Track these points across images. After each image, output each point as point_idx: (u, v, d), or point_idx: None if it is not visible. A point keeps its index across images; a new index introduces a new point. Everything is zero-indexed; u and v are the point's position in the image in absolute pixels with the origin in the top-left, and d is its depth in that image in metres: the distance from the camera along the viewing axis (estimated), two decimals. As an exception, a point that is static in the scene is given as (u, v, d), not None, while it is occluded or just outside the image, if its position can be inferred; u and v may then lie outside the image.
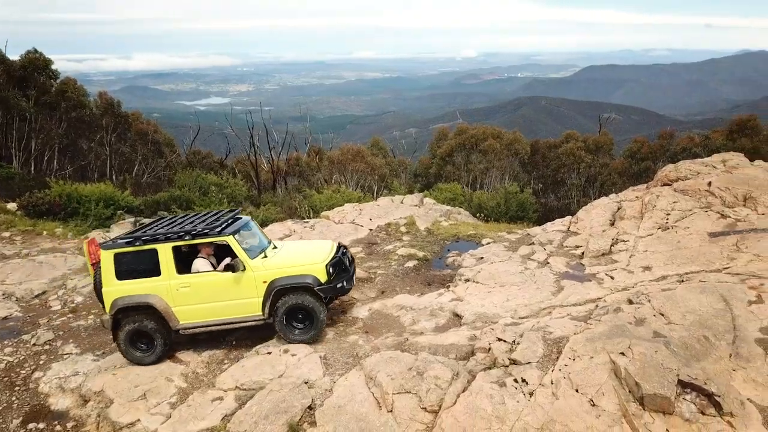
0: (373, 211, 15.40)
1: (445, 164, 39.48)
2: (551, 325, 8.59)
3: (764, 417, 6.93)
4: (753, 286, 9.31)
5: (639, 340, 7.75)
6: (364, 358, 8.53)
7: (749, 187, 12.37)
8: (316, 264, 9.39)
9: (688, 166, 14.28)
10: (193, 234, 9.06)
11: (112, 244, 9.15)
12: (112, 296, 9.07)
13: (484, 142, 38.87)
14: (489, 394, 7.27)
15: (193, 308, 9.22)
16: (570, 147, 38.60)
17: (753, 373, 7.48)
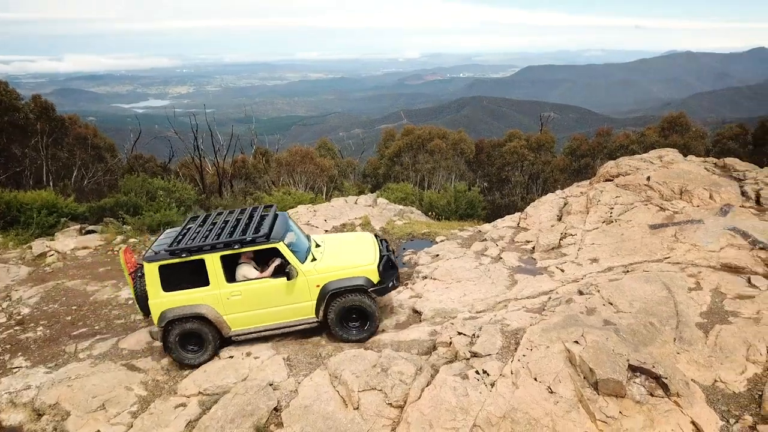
0: (327, 212, 15.44)
1: (393, 164, 39.80)
2: (508, 317, 8.91)
3: (707, 395, 7.43)
4: (692, 274, 9.92)
5: (591, 328, 8.15)
6: (327, 357, 8.63)
7: (684, 181, 13.12)
8: (369, 266, 9.36)
9: (628, 162, 15.00)
10: (242, 242, 8.84)
11: (155, 256, 8.82)
12: (160, 308, 8.88)
13: (430, 142, 39.38)
14: (452, 386, 7.49)
15: (245, 315, 9.12)
16: (513, 146, 39.55)
17: (695, 355, 7.99)
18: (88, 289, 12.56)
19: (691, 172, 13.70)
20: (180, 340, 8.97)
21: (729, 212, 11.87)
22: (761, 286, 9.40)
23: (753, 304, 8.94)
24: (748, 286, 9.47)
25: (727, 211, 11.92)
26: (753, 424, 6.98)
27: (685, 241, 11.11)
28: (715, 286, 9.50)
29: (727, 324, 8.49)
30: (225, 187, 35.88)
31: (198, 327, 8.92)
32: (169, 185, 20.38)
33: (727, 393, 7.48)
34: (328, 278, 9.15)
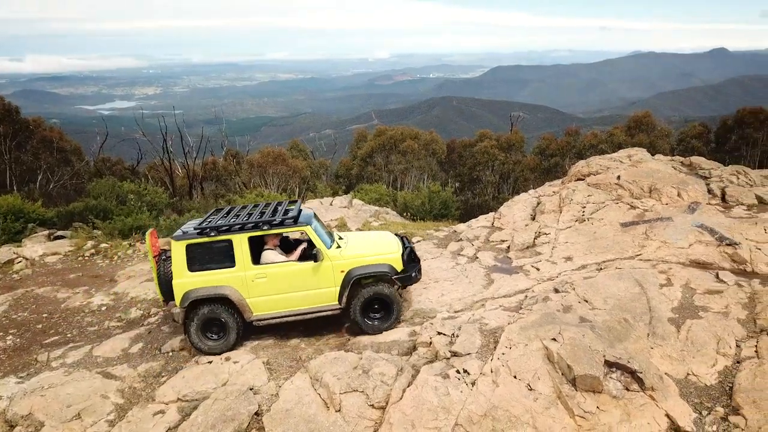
0: (302, 214, 15.34)
1: (366, 165, 39.84)
2: (486, 316, 9.01)
3: (680, 389, 7.63)
4: (663, 270, 10.18)
5: (568, 325, 8.30)
6: (308, 360, 8.60)
7: (653, 180, 13.45)
8: (393, 254, 9.45)
9: (598, 162, 15.30)
10: (271, 224, 8.88)
11: (183, 235, 8.85)
12: (184, 288, 8.84)
13: (402, 142, 39.53)
14: (434, 386, 7.55)
15: (269, 299, 9.10)
16: (484, 146, 39.95)
17: (668, 350, 8.21)
18: (58, 296, 12.29)
19: (660, 170, 14.04)
20: (201, 327, 8.95)
21: (696, 210, 12.22)
22: (729, 281, 9.70)
23: (722, 298, 9.22)
24: (716, 282, 9.76)
25: (695, 209, 12.26)
26: (725, 416, 7.20)
27: (655, 238, 11.39)
28: (685, 282, 9.76)
29: (697, 319, 8.74)
30: (195, 190, 35.46)
31: (220, 309, 8.91)
32: (139, 189, 20.04)
33: (699, 386, 7.70)
34: (353, 264, 9.18)
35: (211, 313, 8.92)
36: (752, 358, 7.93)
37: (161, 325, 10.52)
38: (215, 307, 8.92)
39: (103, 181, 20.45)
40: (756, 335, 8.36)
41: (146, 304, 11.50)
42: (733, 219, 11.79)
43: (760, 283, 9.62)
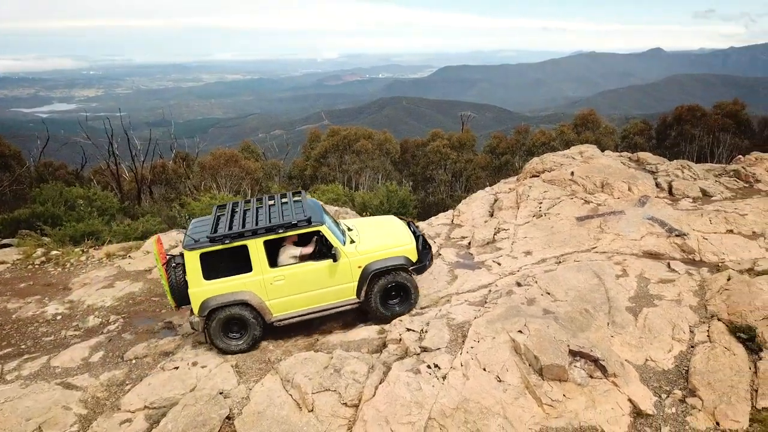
0: (261, 216, 15.19)
1: (320, 165, 39.68)
2: (453, 311, 9.17)
3: (640, 374, 7.98)
4: (618, 261, 10.59)
5: (532, 318, 8.54)
6: (277, 362, 8.56)
7: (605, 175, 13.95)
8: (407, 245, 9.60)
9: (552, 158, 15.74)
10: (285, 227, 8.80)
11: (196, 244, 8.62)
12: (201, 297, 8.76)
13: (356, 142, 39.56)
14: (406, 382, 7.64)
15: (288, 300, 9.13)
16: (436, 145, 40.38)
17: (627, 338, 8.56)
18: (9, 307, 11.78)
19: (610, 166, 14.58)
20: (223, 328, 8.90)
21: (647, 203, 12.75)
22: (680, 271, 10.18)
23: (674, 287, 9.67)
24: (668, 271, 10.22)
25: (645, 202, 12.79)
26: (682, 398, 7.57)
27: (609, 231, 11.82)
28: (639, 272, 10.18)
29: (653, 307, 9.14)
30: (144, 194, 34.52)
31: (241, 314, 8.85)
32: (89, 194, 19.39)
33: (657, 370, 8.07)
34: (370, 259, 9.32)
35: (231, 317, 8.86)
36: (705, 342, 8.35)
37: (122, 333, 10.26)
38: (236, 311, 8.87)
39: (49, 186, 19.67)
40: (707, 321, 8.81)
41: (104, 311, 11.17)
42: (681, 211, 12.35)
43: (708, 271, 10.13)
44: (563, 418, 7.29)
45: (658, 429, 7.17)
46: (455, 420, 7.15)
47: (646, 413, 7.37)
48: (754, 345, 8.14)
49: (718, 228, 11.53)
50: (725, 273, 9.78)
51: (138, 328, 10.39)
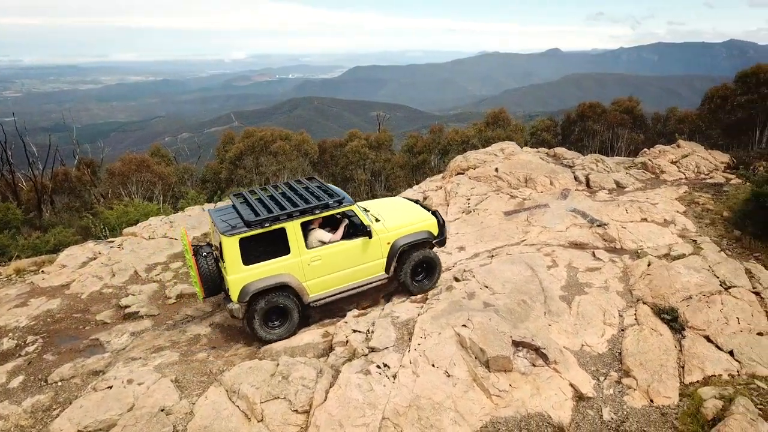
0: (185, 222, 14.60)
1: (235, 168, 38.64)
2: (396, 310, 9.21)
3: (578, 359, 8.35)
4: (547, 253, 11.03)
5: (474, 311, 8.74)
6: (220, 373, 8.24)
7: (527, 170, 14.50)
8: (430, 220, 9.99)
9: (475, 156, 16.17)
10: (321, 207, 8.95)
11: (233, 229, 8.54)
12: (241, 283, 8.68)
13: (273, 143, 38.87)
14: (357, 383, 7.59)
15: (323, 280, 9.25)
16: (355, 145, 40.41)
17: (564, 325, 8.94)
18: None
19: (531, 162, 15.17)
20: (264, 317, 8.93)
21: (568, 196, 13.38)
22: (604, 259, 10.76)
23: (601, 274, 10.21)
24: (594, 260, 10.77)
25: (567, 195, 13.42)
26: (618, 379, 8.00)
27: (536, 224, 12.30)
28: (568, 262, 10.67)
29: (584, 294, 9.61)
30: (45, 204, 32.24)
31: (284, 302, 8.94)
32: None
33: (593, 355, 8.48)
34: (398, 235, 9.64)
35: (272, 303, 8.88)
36: (634, 325, 8.88)
37: (42, 354, 9.50)
38: (276, 295, 8.90)
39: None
40: (634, 305, 9.37)
41: (20, 332, 10.29)
42: (599, 202, 13.06)
43: (629, 258, 10.78)
44: (511, 407, 7.51)
45: (599, 410, 7.54)
46: (409, 418, 7.18)
47: (587, 396, 7.73)
48: (677, 325, 8.74)
49: (633, 217, 12.29)
50: (645, 259, 10.45)
51: (60, 348, 9.67)
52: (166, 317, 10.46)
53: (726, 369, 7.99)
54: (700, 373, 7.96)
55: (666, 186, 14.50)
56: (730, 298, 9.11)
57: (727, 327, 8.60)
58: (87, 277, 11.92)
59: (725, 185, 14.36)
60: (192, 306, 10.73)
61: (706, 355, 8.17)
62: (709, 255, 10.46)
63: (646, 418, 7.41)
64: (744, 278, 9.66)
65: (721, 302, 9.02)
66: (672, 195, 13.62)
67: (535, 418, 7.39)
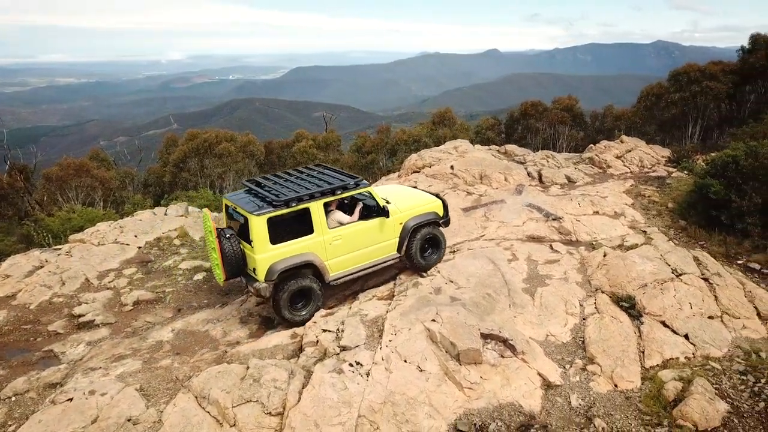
0: (136, 226, 14.10)
1: (179, 171, 37.70)
2: (364, 308, 9.21)
3: (544, 349, 8.58)
4: (507, 247, 11.27)
5: (442, 306, 8.84)
6: (187, 379, 8.02)
7: (482, 167, 14.77)
8: (436, 202, 10.57)
9: (430, 154, 16.35)
10: (342, 188, 9.32)
11: (261, 209, 8.73)
12: (269, 261, 8.86)
13: (218, 145, 38.10)
14: (331, 383, 7.55)
15: (343, 259, 9.55)
16: (302, 146, 40.09)
17: (528, 316, 9.16)
18: None
19: (485, 159, 15.46)
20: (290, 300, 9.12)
21: (523, 191, 13.70)
22: (561, 251, 11.08)
23: (560, 266, 10.51)
24: (552, 252, 11.08)
25: (521, 191, 13.74)
26: (583, 366, 8.27)
27: (494, 219, 12.54)
28: (527, 255, 10.93)
29: (545, 286, 9.87)
30: (-28, 213, 30.48)
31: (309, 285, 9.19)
32: None
33: (558, 344, 8.73)
34: (409, 215, 10.14)
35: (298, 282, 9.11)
36: (594, 314, 9.19)
37: (-10, 369, 9.00)
38: (302, 275, 9.17)
39: None
40: (593, 294, 9.70)
41: (-37, 347, 9.73)
42: (553, 197, 13.44)
43: (585, 250, 11.15)
44: (483, 399, 7.64)
45: (567, 397, 7.77)
46: (384, 414, 7.21)
47: (555, 384, 7.96)
48: (635, 312, 9.11)
49: (586, 210, 12.71)
50: (601, 250, 10.83)
51: (11, 362, 9.18)
52: (125, 325, 10.10)
53: (683, 352, 8.39)
54: (659, 356, 8.32)
55: (613, 180, 15.08)
56: (682, 285, 9.57)
57: (681, 312, 9.02)
58: (35, 287, 11.36)
59: (668, 178, 15.05)
60: (151, 312, 10.40)
61: (664, 340, 8.56)
62: (659, 244, 10.95)
63: (612, 403, 7.69)
64: (693, 265, 10.16)
65: (674, 289, 9.45)
66: (619, 188, 14.17)
67: (507, 408, 7.55)
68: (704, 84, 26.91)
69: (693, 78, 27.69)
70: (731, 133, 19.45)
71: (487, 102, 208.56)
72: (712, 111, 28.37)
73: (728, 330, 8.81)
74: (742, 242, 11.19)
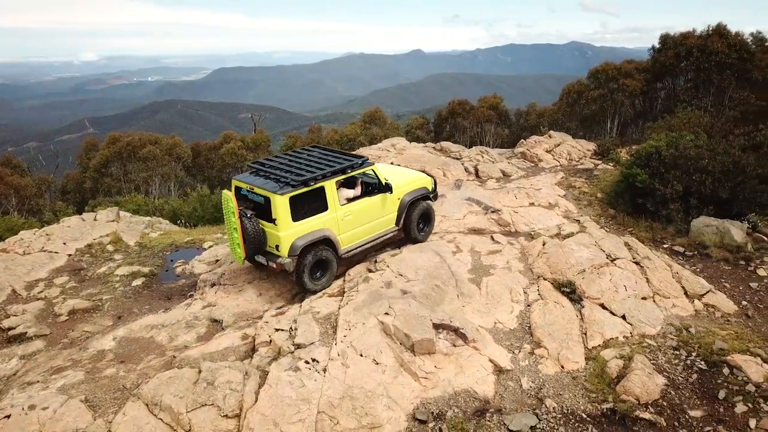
0: (64, 233, 13.36)
1: (101, 176, 36.12)
2: (315, 305, 9.19)
3: (493, 336, 8.85)
4: (451, 240, 11.53)
5: (394, 299, 8.95)
6: (136, 387, 7.74)
7: (422, 164, 15.00)
8: (426, 178, 11.56)
9: (369, 152, 16.45)
10: (353, 167, 10.08)
11: (283, 189, 9.23)
12: (292, 238, 9.39)
13: (142, 149, 36.81)
14: (288, 381, 7.50)
15: (353, 233, 10.27)
16: (231, 147, 39.33)
17: (476, 305, 9.42)
18: None
19: (423, 155, 15.72)
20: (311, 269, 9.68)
21: (461, 186, 14.03)
22: (502, 242, 11.44)
23: (502, 256, 10.86)
24: (494, 243, 11.42)
25: (460, 185, 14.07)
26: (531, 350, 8.59)
27: (436, 213, 12.75)
28: (470, 247, 11.22)
29: (490, 276, 10.17)
30: None
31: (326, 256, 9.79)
32: None
33: (506, 330, 9.02)
34: (405, 191, 11.03)
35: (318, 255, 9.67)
36: (538, 300, 9.56)
37: None
38: (321, 249, 9.70)
39: None
40: (536, 281, 10.08)
41: None
42: (490, 190, 13.85)
43: (524, 240, 11.56)
44: (439, 387, 7.81)
45: (518, 381, 8.06)
46: (343, 409, 7.23)
47: (506, 369, 8.23)
48: (576, 296, 9.55)
49: (522, 202, 13.18)
50: (540, 239, 11.27)
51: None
52: (61, 335, 9.60)
53: (621, 332, 8.88)
54: (601, 337, 8.77)
55: (545, 173, 15.70)
56: (616, 269, 10.11)
57: (617, 294, 9.54)
58: (-45, 301, 10.60)
59: (595, 170, 15.84)
60: (89, 321, 9.92)
61: (604, 321, 9.03)
62: (593, 232, 11.51)
63: (560, 383, 8.04)
64: (624, 250, 10.75)
65: (609, 273, 9.98)
66: (552, 180, 14.78)
67: (462, 395, 7.74)
68: (621, 81, 28.47)
69: (610, 76, 29.22)
70: (648, 127, 20.70)
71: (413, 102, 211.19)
72: (627, 107, 30.03)
73: (660, 309, 9.39)
74: (666, 227, 11.94)
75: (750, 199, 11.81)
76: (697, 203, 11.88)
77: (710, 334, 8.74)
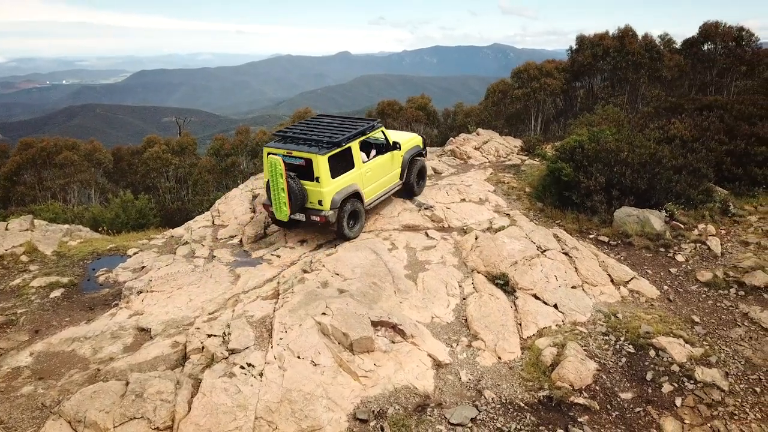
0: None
1: (13, 185, 33.97)
2: (248, 309, 8.92)
3: (431, 331, 8.87)
4: (386, 237, 11.52)
5: (331, 298, 8.82)
6: (56, 404, 7.24)
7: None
8: (418, 137, 13.52)
9: (299, 152, 16.17)
10: (370, 129, 11.81)
11: (321, 150, 10.55)
12: (332, 193, 10.77)
13: (58, 155, 34.87)
14: (223, 387, 7.22)
15: (372, 187, 11.86)
16: (155, 151, 37.87)
17: (413, 301, 9.42)
18: None
19: (355, 154, 15.61)
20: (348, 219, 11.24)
21: (394, 183, 14.02)
22: (436, 238, 11.53)
23: (437, 251, 10.93)
24: (428, 239, 11.49)
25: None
26: (469, 343, 8.67)
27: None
28: (405, 243, 11.24)
29: (425, 271, 10.21)
30: None
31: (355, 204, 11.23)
32: None
33: (443, 324, 9.07)
34: (406, 148, 12.86)
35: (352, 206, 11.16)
36: (473, 293, 9.67)
37: None
38: (354, 201, 11.18)
39: None
40: (470, 275, 10.20)
41: None
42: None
43: (458, 234, 11.70)
44: (379, 385, 7.73)
45: (457, 374, 8.10)
46: (282, 413, 7.03)
47: (445, 363, 8.26)
48: (509, 288, 9.73)
49: (454, 198, 13.34)
50: (472, 234, 11.43)
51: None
52: (-30, 354, 8.86)
53: (554, 320, 9.11)
54: (535, 327, 8.96)
55: (475, 169, 15.96)
56: (547, 260, 10.38)
57: (548, 285, 9.78)
58: None
59: (522, 165, 16.25)
60: (2, 337, 9.20)
61: (537, 311, 9.23)
62: (523, 225, 11.79)
63: (498, 374, 8.15)
64: (554, 242, 11.07)
65: (540, 264, 10.23)
66: (481, 177, 15.04)
67: (402, 392, 7.70)
68: (542, 81, 29.42)
69: (532, 75, 30.15)
70: (570, 123, 21.49)
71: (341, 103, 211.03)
72: (550, 105, 31.11)
73: (589, 297, 9.71)
74: (591, 218, 12.38)
75: (666, 188, 12.42)
76: (619, 194, 12.39)
77: (636, 318, 9.11)
